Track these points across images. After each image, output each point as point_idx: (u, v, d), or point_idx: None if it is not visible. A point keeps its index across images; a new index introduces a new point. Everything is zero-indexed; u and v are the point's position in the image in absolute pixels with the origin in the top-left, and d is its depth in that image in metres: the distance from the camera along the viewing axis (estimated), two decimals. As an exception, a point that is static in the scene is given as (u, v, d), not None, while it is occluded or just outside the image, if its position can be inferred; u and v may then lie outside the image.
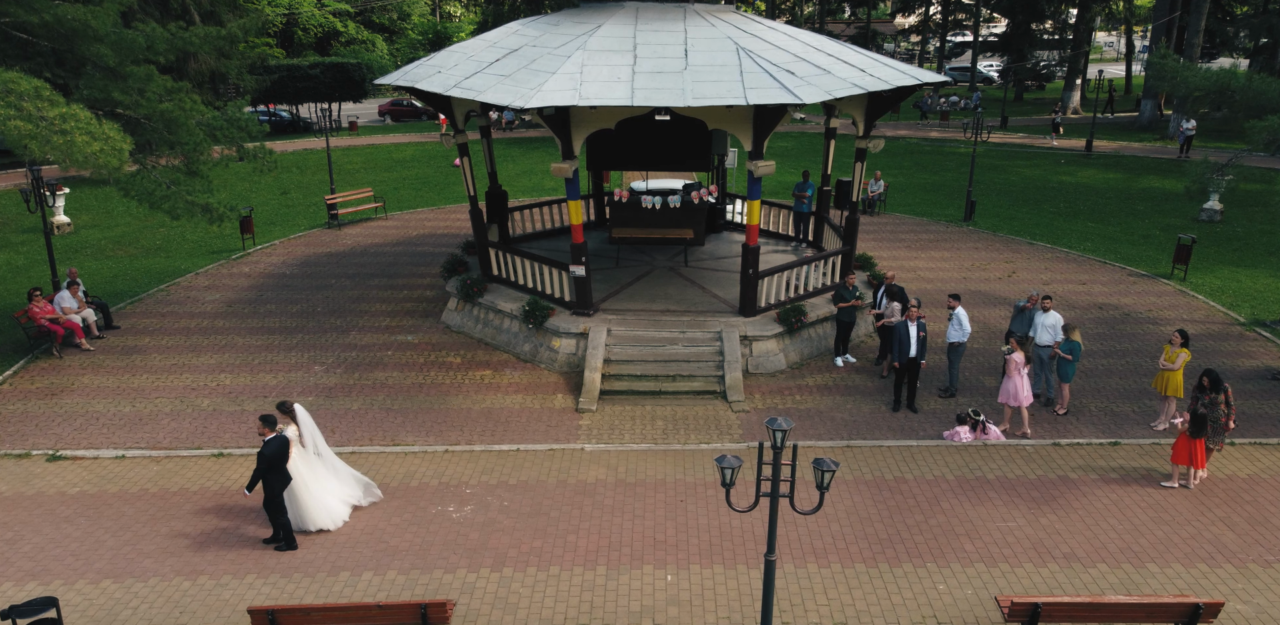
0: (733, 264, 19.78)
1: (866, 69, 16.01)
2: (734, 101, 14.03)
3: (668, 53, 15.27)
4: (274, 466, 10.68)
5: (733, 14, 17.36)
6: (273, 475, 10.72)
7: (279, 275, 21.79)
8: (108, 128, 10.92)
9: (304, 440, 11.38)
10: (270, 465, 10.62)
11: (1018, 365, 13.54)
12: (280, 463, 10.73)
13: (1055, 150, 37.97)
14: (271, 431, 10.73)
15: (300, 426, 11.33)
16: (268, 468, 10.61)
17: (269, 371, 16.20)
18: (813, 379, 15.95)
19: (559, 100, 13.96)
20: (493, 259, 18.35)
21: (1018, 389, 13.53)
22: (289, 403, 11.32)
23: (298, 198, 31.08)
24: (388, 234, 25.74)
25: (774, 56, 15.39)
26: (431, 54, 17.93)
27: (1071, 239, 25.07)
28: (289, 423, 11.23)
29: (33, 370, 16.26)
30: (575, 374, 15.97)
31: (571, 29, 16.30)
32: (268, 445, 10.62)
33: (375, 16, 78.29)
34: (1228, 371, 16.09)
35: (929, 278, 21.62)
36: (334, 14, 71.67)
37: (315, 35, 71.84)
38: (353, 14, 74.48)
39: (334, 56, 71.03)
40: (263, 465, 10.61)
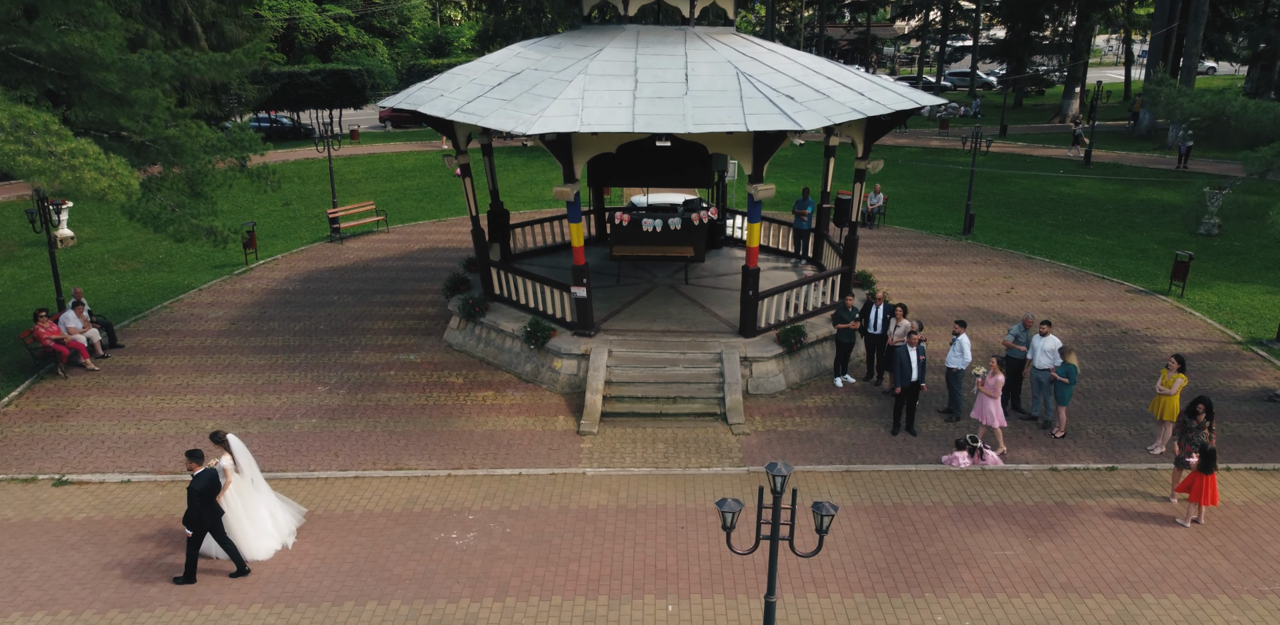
0: (733, 281, 19.91)
1: (866, 92, 16.13)
2: (734, 128, 14.15)
3: (668, 77, 15.39)
4: (205, 500, 10.81)
5: (733, 36, 17.48)
6: (205, 508, 10.85)
7: (282, 291, 21.91)
8: (115, 163, 11.03)
9: (239, 468, 11.47)
10: (202, 499, 10.75)
11: (993, 387, 13.80)
12: (211, 496, 10.86)
13: (1077, 161, 37.82)
14: (200, 466, 10.86)
15: (235, 456, 11.44)
16: (202, 502, 10.74)
17: (273, 392, 16.31)
18: (812, 400, 16.07)
19: (560, 126, 14.09)
20: (494, 278, 18.46)
21: (995, 411, 13.85)
22: (222, 433, 11.46)
23: (299, 209, 31.20)
24: (389, 248, 25.86)
25: (774, 80, 15.51)
26: (434, 76, 18.05)
27: (1070, 253, 25.19)
28: (222, 453, 11.35)
29: (38, 391, 16.38)
30: (577, 395, 16.09)
31: (573, 52, 16.43)
32: (197, 479, 10.77)
33: (376, 21, 78.47)
34: (1224, 393, 16.22)
35: (928, 294, 21.74)
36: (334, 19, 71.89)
37: (316, 40, 72.03)
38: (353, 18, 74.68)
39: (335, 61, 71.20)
40: (197, 501, 10.72)
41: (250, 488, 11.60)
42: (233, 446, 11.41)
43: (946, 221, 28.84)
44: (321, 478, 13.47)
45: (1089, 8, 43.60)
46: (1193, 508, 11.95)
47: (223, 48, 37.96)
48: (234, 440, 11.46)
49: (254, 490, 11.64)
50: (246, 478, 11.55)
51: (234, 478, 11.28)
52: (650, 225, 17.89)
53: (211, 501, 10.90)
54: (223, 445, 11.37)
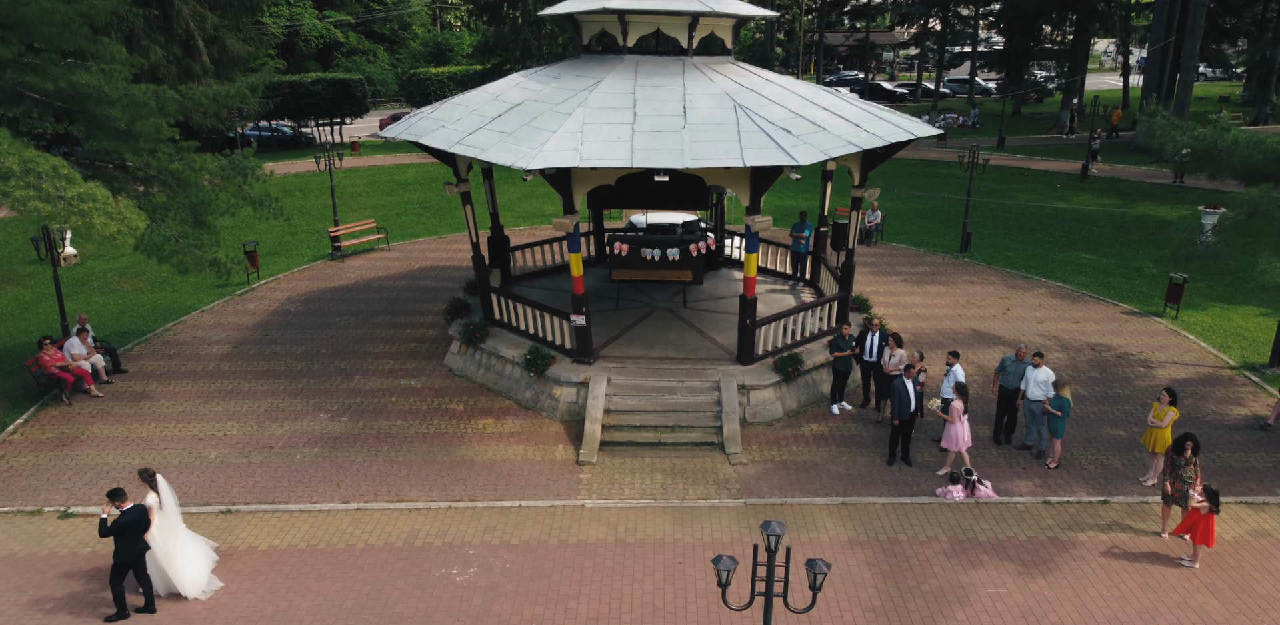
0: (731, 304, 20.08)
1: (862, 124, 16.30)
2: (731, 163, 14.33)
3: (666, 110, 15.57)
4: (131, 536, 11.02)
5: (731, 65, 17.64)
6: (127, 544, 11.06)
7: (284, 312, 22.09)
8: (124, 206, 11.21)
9: (164, 505, 11.64)
10: (124, 533, 10.96)
11: (959, 413, 14.08)
12: (136, 532, 11.08)
13: (1095, 176, 37.84)
14: (124, 504, 11.07)
15: (160, 495, 11.60)
16: (118, 532, 10.95)
17: (275, 420, 16.48)
18: (809, 428, 16.24)
19: (560, 161, 14.26)
20: (495, 304, 18.63)
21: (959, 435, 14.21)
22: (150, 470, 11.65)
23: (301, 224, 31.37)
24: (390, 266, 26.03)
25: (771, 113, 15.68)
26: (436, 104, 18.21)
27: (1066, 272, 25.37)
28: (148, 491, 11.53)
29: (43, 419, 16.55)
30: (576, 423, 16.27)
31: (573, 83, 16.59)
32: (125, 515, 11.00)
33: (376, 26, 78.69)
34: (1216, 421, 16.40)
35: (925, 316, 21.91)
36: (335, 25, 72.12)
37: (316, 46, 72.29)
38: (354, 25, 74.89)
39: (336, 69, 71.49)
40: (113, 530, 10.93)
41: (175, 524, 11.76)
42: (159, 486, 11.62)
43: (944, 238, 29.02)
44: (324, 510, 13.65)
45: (1086, 19, 43.78)
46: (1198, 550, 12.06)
47: (224, 61, 38.23)
48: (160, 480, 11.69)
49: (177, 527, 11.82)
50: (170, 516, 11.71)
51: (158, 517, 11.47)
52: (649, 255, 18.05)
53: (137, 537, 11.13)
54: (150, 483, 11.56)
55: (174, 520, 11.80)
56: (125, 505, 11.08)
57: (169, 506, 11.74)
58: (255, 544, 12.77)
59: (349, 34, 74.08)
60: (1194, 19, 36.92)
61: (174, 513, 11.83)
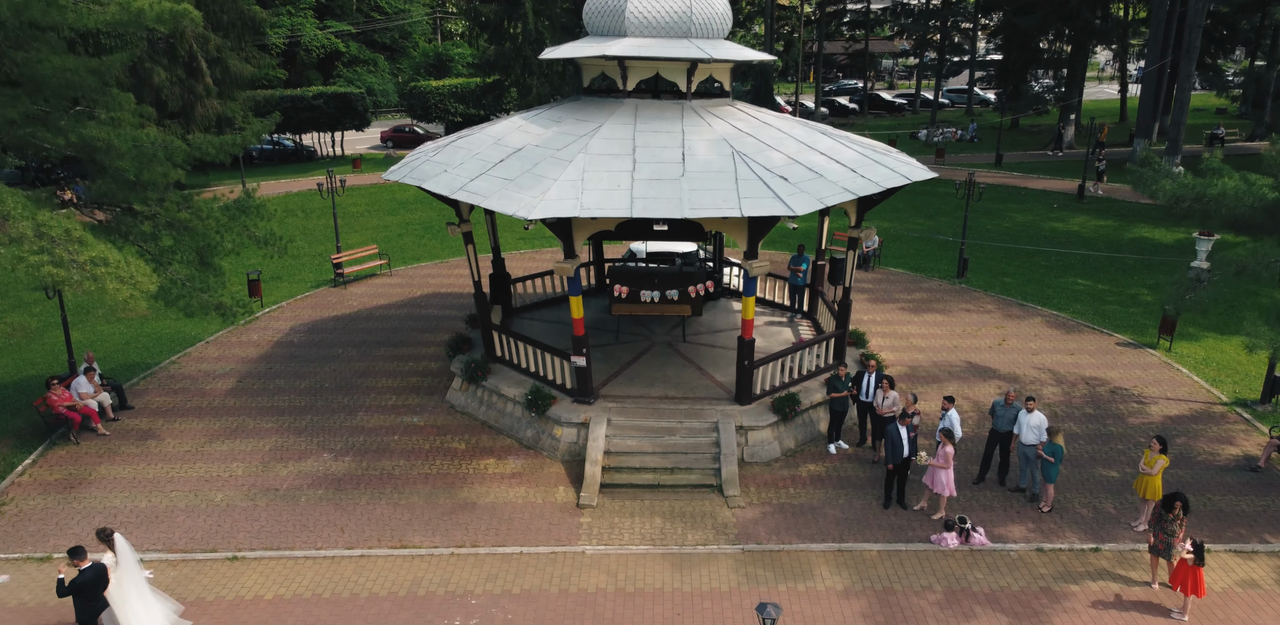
0: (729, 338, 20.30)
1: (858, 169, 16.54)
2: (730, 213, 14.58)
3: (665, 156, 15.81)
4: (89, 594, 11.22)
5: (729, 107, 17.88)
6: (87, 602, 11.25)
7: (287, 344, 22.33)
8: (135, 269, 11.46)
9: (121, 564, 11.75)
10: (81, 593, 11.15)
11: (947, 458, 14.37)
12: (95, 591, 11.27)
13: (1100, 196, 37.93)
14: (83, 562, 11.28)
15: (118, 554, 11.75)
16: (76, 591, 11.15)
17: (280, 460, 16.72)
18: (807, 468, 16.48)
19: (561, 211, 14.52)
20: (496, 341, 18.87)
21: (948, 481, 14.53)
22: (108, 530, 11.78)
23: (303, 246, 31.52)
24: (392, 293, 26.27)
25: (769, 159, 15.92)
26: (438, 144, 18.43)
27: (1062, 299, 25.61)
28: (105, 550, 11.73)
29: (51, 459, 16.79)
30: (577, 463, 16.50)
31: (574, 127, 16.83)
32: (83, 573, 11.21)
33: (377, 36, 78.98)
34: (1207, 462, 16.64)
35: (921, 347, 22.15)
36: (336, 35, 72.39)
37: (317, 56, 72.54)
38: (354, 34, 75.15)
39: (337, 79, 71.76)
40: (71, 590, 11.13)
41: (134, 583, 11.91)
42: (117, 545, 11.79)
43: (941, 262, 29.26)
44: (329, 556, 13.88)
45: (1084, 36, 44.04)
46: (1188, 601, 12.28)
47: (227, 82, 38.45)
48: (119, 539, 11.83)
49: (138, 585, 11.98)
50: (129, 575, 11.84)
51: (122, 573, 11.64)
52: (649, 297, 18.29)
53: (97, 594, 11.33)
54: (107, 543, 11.74)
55: (134, 579, 11.87)
56: (84, 564, 11.28)
57: (128, 565, 11.84)
58: (262, 593, 13.00)
59: (349, 43, 74.33)
60: (1189, 39, 37.17)
61: (134, 572, 11.90)
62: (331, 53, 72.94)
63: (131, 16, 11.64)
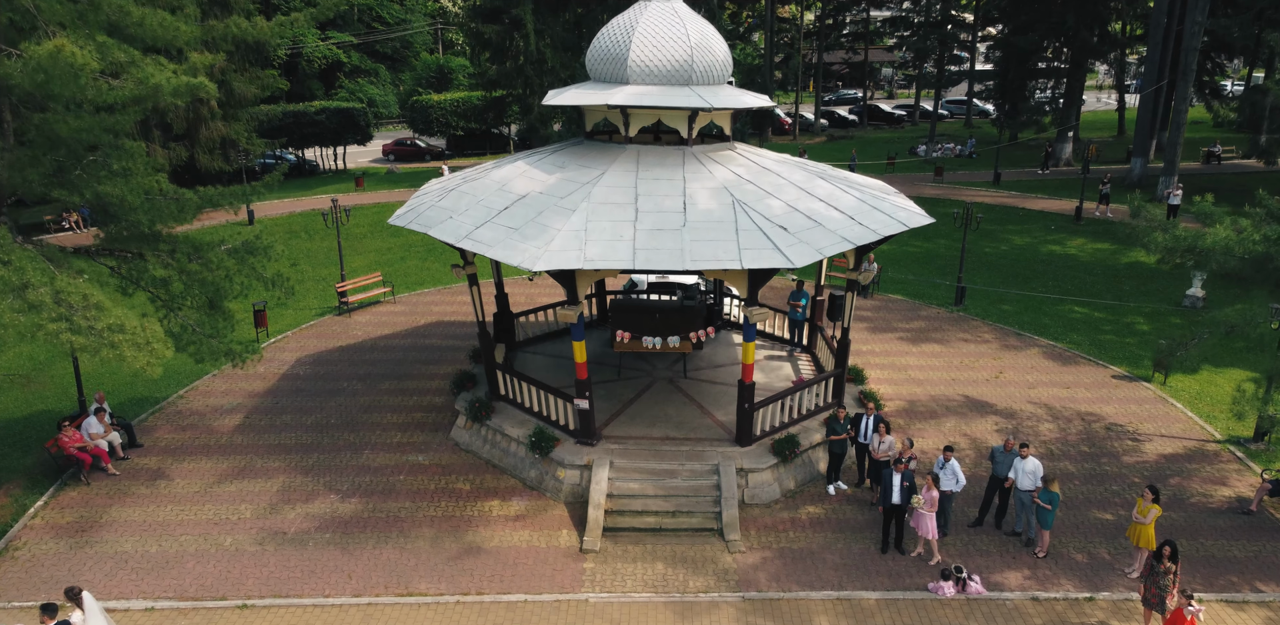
0: (730, 374, 20.59)
1: (857, 216, 16.80)
2: (730, 265, 14.86)
3: (667, 205, 16.09)
4: None
5: (729, 152, 18.15)
6: None
7: (293, 377, 22.60)
8: (151, 335, 11.73)
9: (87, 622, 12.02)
10: None
11: (932, 503, 14.76)
12: None
13: (1107, 219, 37.95)
14: (52, 620, 11.50)
15: (85, 613, 11.96)
16: None
17: (288, 501, 16.98)
18: (806, 510, 16.75)
19: (565, 263, 14.80)
20: (500, 381, 19.13)
21: (931, 526, 14.90)
22: (76, 589, 12.04)
23: (307, 270, 31.92)
24: (396, 322, 26.55)
25: (768, 208, 16.20)
26: (443, 187, 18.69)
27: (1059, 328, 25.88)
28: (73, 609, 11.98)
29: (62, 500, 17.06)
30: (580, 505, 16.77)
31: (577, 174, 17.09)
32: None
33: (379, 46, 79.34)
34: (1199, 504, 16.91)
35: (919, 379, 22.43)
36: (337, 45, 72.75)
37: (319, 67, 72.89)
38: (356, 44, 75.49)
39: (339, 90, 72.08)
40: None
41: None
42: (85, 604, 11.99)
43: (939, 289, 29.54)
44: (336, 604, 14.14)
45: (1081, 56, 44.35)
46: None
47: (231, 104, 38.77)
48: (87, 597, 12.05)
49: None
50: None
51: None
52: (650, 343, 18.56)
53: None
54: (75, 602, 11.98)
55: None
56: (51, 622, 11.53)
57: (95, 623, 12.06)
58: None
59: (351, 53, 74.68)
60: (1185, 62, 37.47)
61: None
62: (333, 63, 73.29)
63: (149, 91, 11.92)
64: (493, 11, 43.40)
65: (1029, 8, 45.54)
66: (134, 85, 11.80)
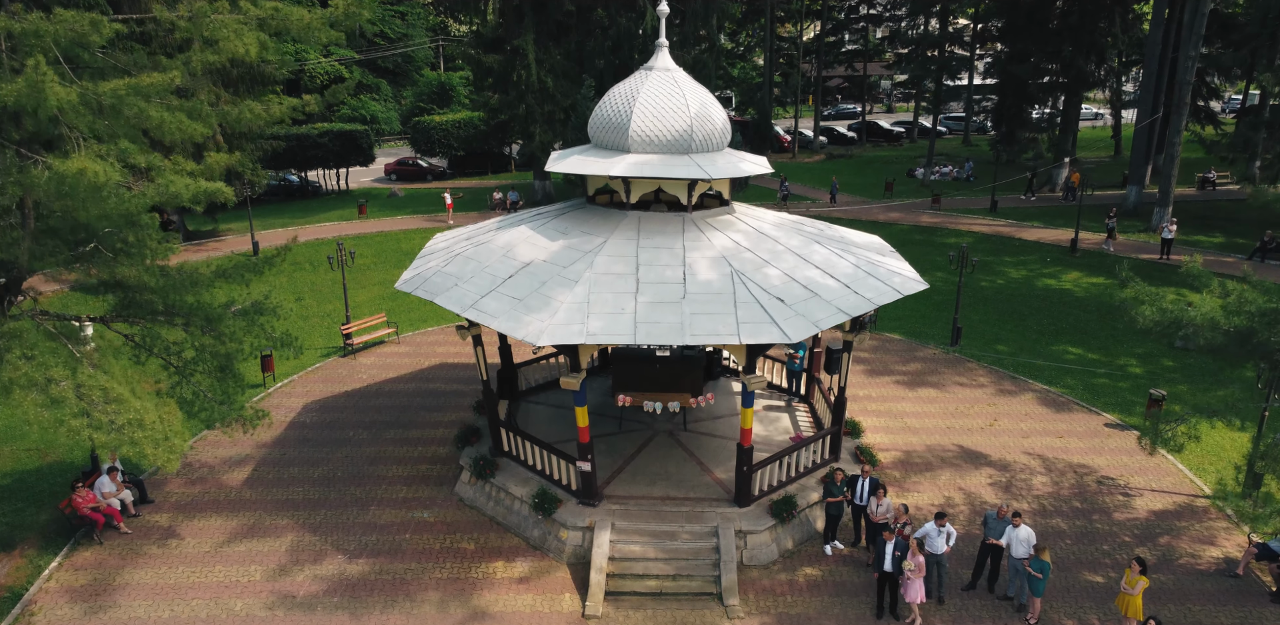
0: (729, 426, 20.99)
1: (853, 285, 17.20)
2: (729, 340, 15.26)
3: (668, 276, 16.49)
4: None
5: (729, 217, 18.55)
6: None
7: (300, 425, 22.99)
8: (169, 430, 12.14)
9: None
10: None
11: (920, 568, 15.14)
12: None
13: (1114, 254, 37.97)
14: None
15: None
16: None
17: (297, 563, 17.36)
18: (804, 572, 17.13)
19: (567, 338, 15.20)
20: (503, 437, 19.53)
21: (919, 591, 15.25)
22: None
23: (311, 305, 32.34)
24: (401, 364, 26.94)
25: (766, 278, 16.60)
26: (448, 250, 19.08)
27: (1052, 371, 26.27)
28: None
29: (76, 560, 17.44)
30: (582, 566, 17.16)
31: (580, 242, 17.48)
32: None
33: (381, 61, 79.85)
34: (1187, 566, 17.30)
35: (915, 428, 22.83)
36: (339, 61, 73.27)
37: (321, 83, 73.39)
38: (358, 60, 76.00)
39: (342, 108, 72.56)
40: None
41: None
42: None
43: (935, 326, 29.93)
44: (346, 674, 14.54)
45: (1077, 85, 44.82)
46: None
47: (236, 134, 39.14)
48: None
49: None
50: None
51: None
52: (651, 407, 18.97)
53: None
54: None
55: None
56: None
57: None
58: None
59: (353, 69, 75.22)
60: (1179, 96, 37.88)
61: None
62: (335, 78, 73.84)
63: (169, 197, 12.33)
64: (495, 41, 43.86)
65: (1026, 36, 45.97)
66: (155, 192, 12.22)
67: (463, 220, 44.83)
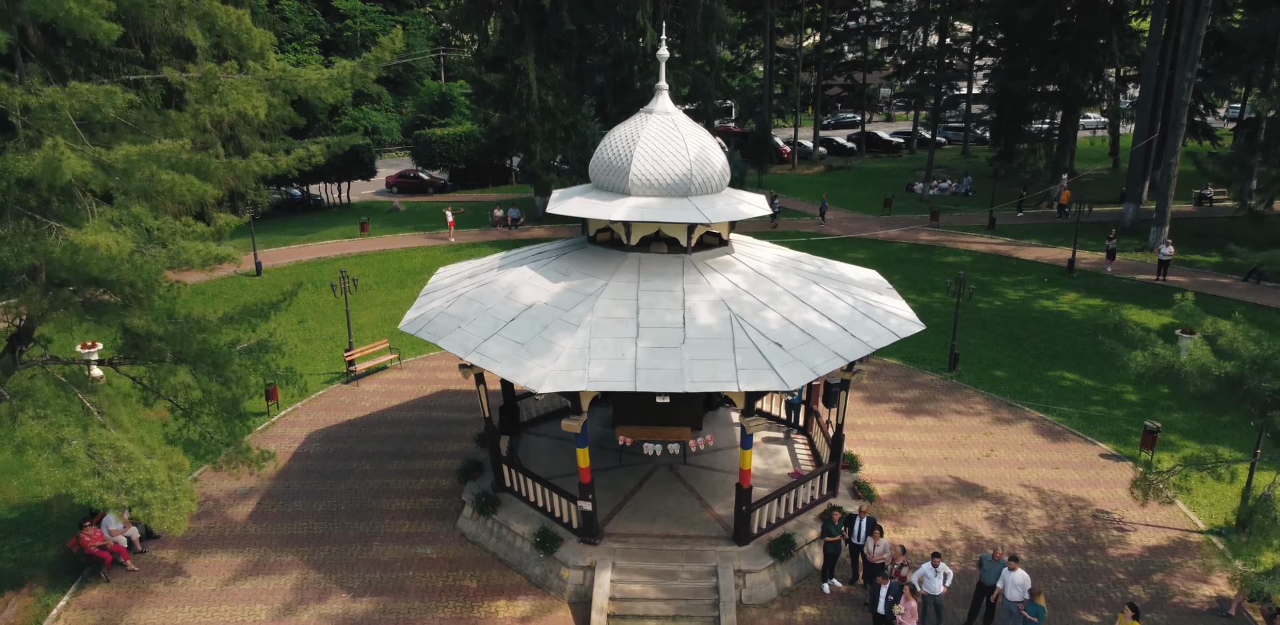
0: (729, 460, 21.23)
1: (850, 328, 17.43)
2: (728, 387, 15.51)
3: (668, 320, 16.74)
4: None
5: (727, 257, 18.78)
6: None
7: (303, 456, 23.22)
8: (180, 490, 12.38)
9: None
10: None
11: (912, 612, 15.40)
12: None
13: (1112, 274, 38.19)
14: None
15: None
16: None
17: (302, 601, 17.59)
18: (802, 611, 17.37)
19: (569, 385, 15.45)
20: (505, 474, 19.77)
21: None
22: None
23: (314, 328, 32.56)
24: (403, 390, 27.18)
25: (764, 322, 16.85)
26: (451, 289, 19.31)
27: (1049, 398, 26.51)
28: None
29: (84, 599, 17.68)
30: (583, 604, 17.40)
31: (581, 284, 17.73)
32: None
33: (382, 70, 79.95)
34: (1179, 607, 17.53)
35: (912, 458, 23.07)
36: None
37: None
38: (359, 70, 76.12)
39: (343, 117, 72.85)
40: None
41: None
42: None
43: (934, 350, 30.16)
44: (352, 718, 14.78)
45: (1075, 103, 45.10)
46: None
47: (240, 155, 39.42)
48: None
49: None
50: None
51: None
52: (651, 450, 19.22)
53: None
54: None
55: None
56: None
57: None
58: None
59: (354, 79, 75.42)
60: (1175, 116, 38.14)
61: None
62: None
63: (180, 262, 12.59)
64: (496, 60, 44.12)
65: (1024, 54, 46.26)
66: (166, 257, 12.47)
67: (464, 237, 45.11)
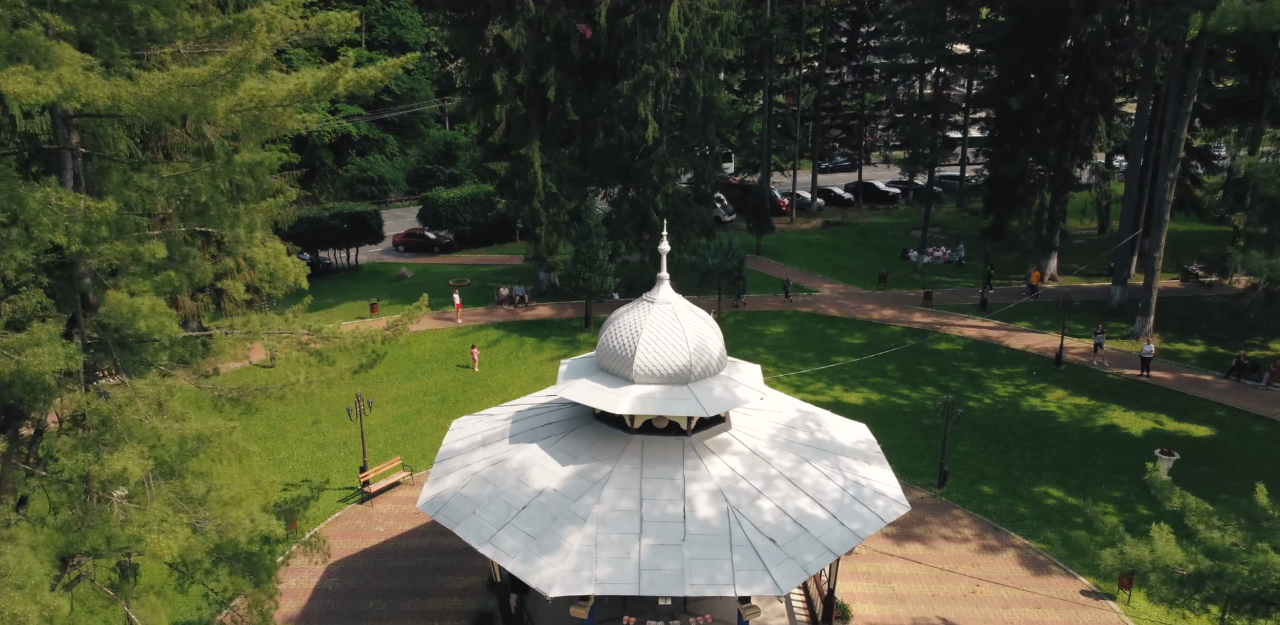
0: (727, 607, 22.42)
1: (840, 515, 18.67)
2: (725, 592, 16.78)
3: (669, 513, 18.01)
4: None
5: (725, 435, 20.03)
6: None
7: (321, 594, 24.44)
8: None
9: None
10: None
11: None
12: None
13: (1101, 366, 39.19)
14: None
15: None
16: None
17: None
18: None
19: (578, 589, 16.71)
20: (516, 633, 21.06)
21: None
22: None
23: (329, 431, 33.78)
24: (416, 514, 28.37)
25: (759, 514, 18.11)
26: (464, 466, 20.55)
27: (1034, 521, 27.73)
28: None
29: None
30: None
31: (588, 468, 19.00)
32: None
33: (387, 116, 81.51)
34: None
35: (902, 595, 24.28)
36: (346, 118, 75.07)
37: (329, 140, 75.15)
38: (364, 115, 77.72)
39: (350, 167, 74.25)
40: None
41: None
42: None
43: (924, 459, 31.36)
44: None
45: (1064, 186, 46.31)
46: None
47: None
48: None
49: None
50: None
51: None
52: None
53: None
54: None
55: None
56: None
57: None
58: None
59: (360, 124, 76.97)
60: (1159, 213, 39.40)
61: None
62: (343, 135, 75.67)
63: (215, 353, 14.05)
64: (502, 147, 45.39)
65: (1012, 139, 47.56)
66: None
67: (470, 318, 46.30)
